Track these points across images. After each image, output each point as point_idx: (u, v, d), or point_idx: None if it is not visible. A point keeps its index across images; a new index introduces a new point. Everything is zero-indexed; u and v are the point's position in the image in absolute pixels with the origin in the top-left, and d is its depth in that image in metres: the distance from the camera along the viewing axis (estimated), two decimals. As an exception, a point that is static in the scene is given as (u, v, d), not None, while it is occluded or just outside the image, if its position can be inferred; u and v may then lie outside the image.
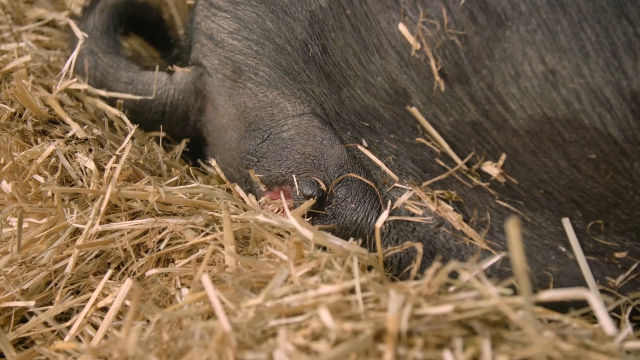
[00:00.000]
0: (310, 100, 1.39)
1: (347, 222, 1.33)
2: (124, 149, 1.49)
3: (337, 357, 0.84)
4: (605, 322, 0.86)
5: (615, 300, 1.13)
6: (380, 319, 0.91)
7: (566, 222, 1.11)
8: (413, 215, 1.25)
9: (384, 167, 1.29)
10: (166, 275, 1.27)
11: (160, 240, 1.35)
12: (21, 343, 1.26)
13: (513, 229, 0.77)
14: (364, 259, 1.10)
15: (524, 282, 0.79)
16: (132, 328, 1.00)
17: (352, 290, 1.00)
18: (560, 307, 1.18)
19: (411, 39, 1.13)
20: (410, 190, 1.25)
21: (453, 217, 1.21)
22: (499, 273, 1.19)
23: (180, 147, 1.73)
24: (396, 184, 1.27)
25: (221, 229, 1.33)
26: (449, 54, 1.10)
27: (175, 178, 1.55)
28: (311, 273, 1.06)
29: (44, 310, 1.28)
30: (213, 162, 1.62)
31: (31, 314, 1.26)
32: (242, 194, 1.52)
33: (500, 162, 1.11)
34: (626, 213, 1.05)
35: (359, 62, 1.23)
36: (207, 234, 1.32)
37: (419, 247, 1.30)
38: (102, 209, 1.33)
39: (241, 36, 1.46)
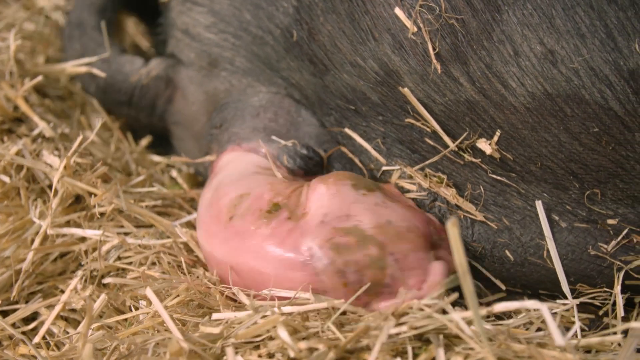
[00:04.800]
0: (287, 87, 1.40)
1: None
2: (80, 143, 1.40)
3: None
4: (555, 333, 0.85)
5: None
6: (337, 339, 0.95)
7: (539, 205, 1.19)
8: (408, 192, 1.29)
9: (371, 149, 1.31)
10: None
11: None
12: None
13: (452, 228, 0.76)
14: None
15: (467, 284, 0.78)
16: (89, 338, 1.04)
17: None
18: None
19: (408, 23, 1.17)
20: (399, 168, 1.29)
21: (447, 191, 1.26)
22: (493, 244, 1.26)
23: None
24: (384, 167, 1.31)
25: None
26: (446, 36, 1.15)
27: (142, 177, 1.53)
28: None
29: (9, 311, 1.27)
30: (174, 173, 1.61)
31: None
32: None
33: (495, 139, 1.17)
34: (625, 182, 1.13)
35: (350, 44, 1.25)
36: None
37: None
38: (54, 205, 1.31)
39: (218, 29, 1.46)
